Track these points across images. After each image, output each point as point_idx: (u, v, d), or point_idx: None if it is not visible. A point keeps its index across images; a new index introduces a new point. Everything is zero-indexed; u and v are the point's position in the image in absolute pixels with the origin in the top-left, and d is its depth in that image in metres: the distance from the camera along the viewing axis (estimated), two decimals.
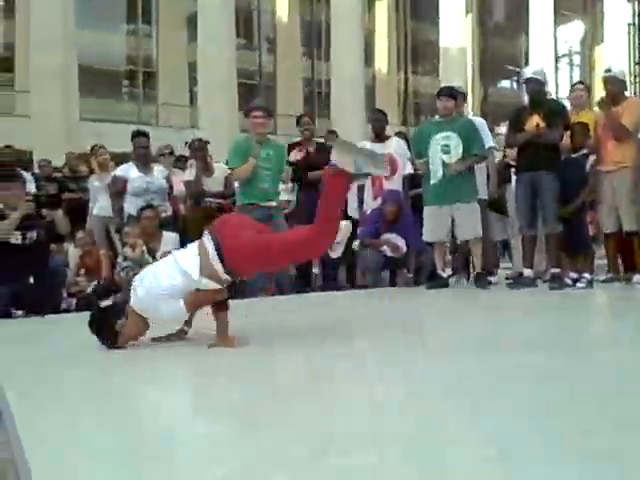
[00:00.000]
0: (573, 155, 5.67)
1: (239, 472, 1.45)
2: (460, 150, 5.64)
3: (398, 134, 7.73)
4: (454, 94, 5.92)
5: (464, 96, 6.56)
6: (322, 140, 7.28)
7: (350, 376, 2.51)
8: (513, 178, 6.01)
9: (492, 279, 6.06)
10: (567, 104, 6.29)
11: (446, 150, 5.66)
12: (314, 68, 23.16)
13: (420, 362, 2.67)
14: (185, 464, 1.55)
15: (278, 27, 22.29)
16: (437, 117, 5.99)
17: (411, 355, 2.82)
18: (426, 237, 5.85)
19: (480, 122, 6.19)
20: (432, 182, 5.73)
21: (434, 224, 5.75)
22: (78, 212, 7.02)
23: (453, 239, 6.01)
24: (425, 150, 5.75)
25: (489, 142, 6.00)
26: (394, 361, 2.71)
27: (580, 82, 7.15)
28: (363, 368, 2.66)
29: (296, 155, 6.43)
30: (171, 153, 6.96)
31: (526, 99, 5.80)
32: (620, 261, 5.81)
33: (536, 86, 5.63)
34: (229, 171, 6.04)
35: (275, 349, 3.04)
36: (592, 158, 5.58)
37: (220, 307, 3.01)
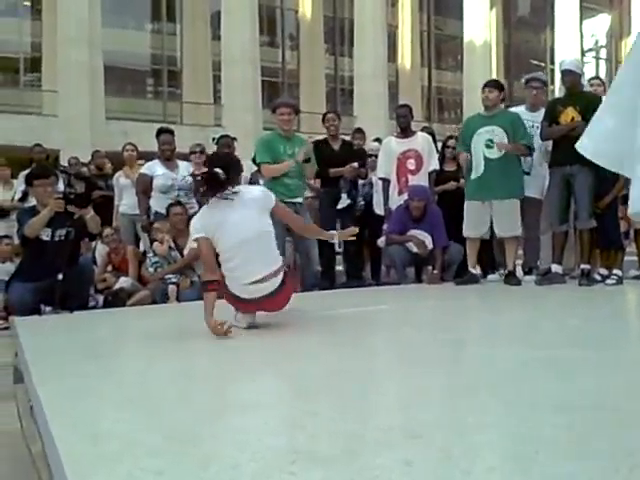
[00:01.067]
0: None
1: None
2: None
3: (424, 129, 7.67)
4: (500, 85, 5.83)
5: (545, 84, 6.39)
6: (348, 138, 7.26)
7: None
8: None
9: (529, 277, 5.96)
10: None
11: (489, 145, 5.59)
12: (337, 65, 23.11)
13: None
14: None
15: (301, 24, 22.28)
16: (481, 111, 5.89)
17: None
18: (466, 233, 5.77)
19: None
20: (473, 177, 5.68)
21: (475, 219, 5.67)
22: (105, 209, 7.08)
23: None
24: (469, 144, 5.69)
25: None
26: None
27: (596, 77, 7.02)
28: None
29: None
30: (202, 152, 6.98)
31: (557, 92, 5.69)
32: None
33: (573, 78, 5.53)
34: (254, 168, 6.03)
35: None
36: None
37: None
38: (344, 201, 6.53)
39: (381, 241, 6.42)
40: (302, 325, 3.61)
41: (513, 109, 6.20)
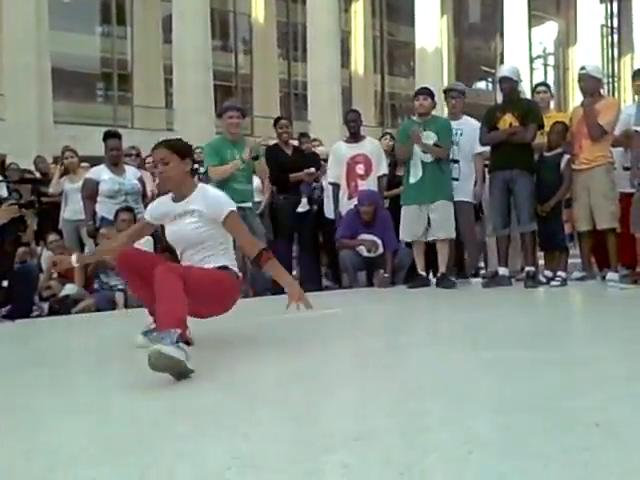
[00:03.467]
0: (548, 154, 5.71)
1: None
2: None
3: (385, 135, 7.78)
4: (432, 93, 5.94)
5: (463, 93, 6.52)
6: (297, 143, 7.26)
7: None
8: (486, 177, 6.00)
9: (474, 280, 6.07)
10: None
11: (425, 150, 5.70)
12: (291, 69, 23.13)
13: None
14: None
15: (254, 29, 22.22)
16: (414, 117, 6.00)
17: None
18: (403, 236, 5.88)
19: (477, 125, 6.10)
20: (411, 182, 5.77)
21: (412, 223, 5.78)
22: (50, 215, 6.94)
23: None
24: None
25: (478, 148, 5.99)
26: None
27: (543, 83, 7.21)
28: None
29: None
30: (138, 155, 6.91)
31: (499, 98, 5.81)
32: (594, 259, 5.85)
33: (510, 85, 5.67)
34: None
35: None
36: (566, 157, 5.61)
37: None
38: (304, 205, 6.52)
39: None
40: (249, 330, 3.59)
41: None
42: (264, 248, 3.05)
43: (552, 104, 6.79)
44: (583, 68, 5.78)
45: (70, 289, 5.61)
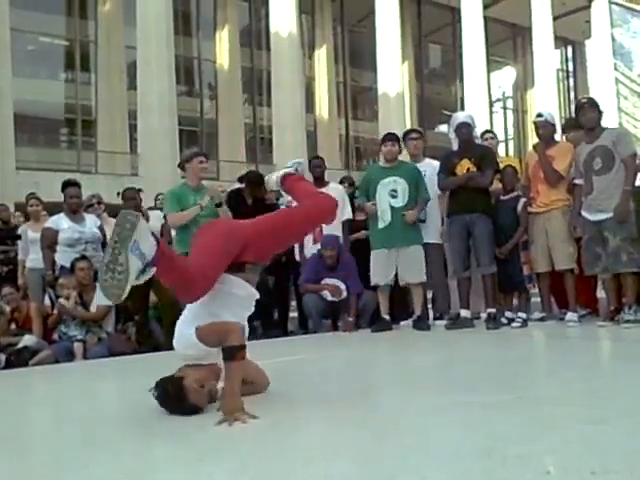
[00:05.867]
0: (504, 197, 5.83)
1: None
2: (407, 195, 5.80)
3: (344, 179, 7.83)
4: (399, 139, 6.07)
5: (421, 134, 6.69)
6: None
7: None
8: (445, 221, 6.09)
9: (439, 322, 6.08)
10: None
11: (394, 195, 5.79)
12: (256, 114, 23.34)
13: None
14: None
15: (219, 74, 22.45)
16: (381, 162, 6.10)
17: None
18: (374, 280, 5.90)
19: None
20: (380, 226, 5.83)
21: (381, 267, 5.82)
22: (4, 265, 6.84)
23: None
24: (373, 194, 5.88)
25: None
26: None
27: (489, 131, 7.41)
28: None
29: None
30: (99, 202, 6.86)
31: (455, 144, 5.94)
32: (553, 300, 5.95)
33: (469, 130, 5.81)
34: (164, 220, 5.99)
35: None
36: (523, 200, 5.74)
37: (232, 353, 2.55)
38: None
39: None
40: None
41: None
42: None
43: (499, 149, 7.05)
44: (540, 115, 5.94)
45: (28, 339, 5.49)
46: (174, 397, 2.59)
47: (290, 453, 2.09)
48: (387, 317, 5.93)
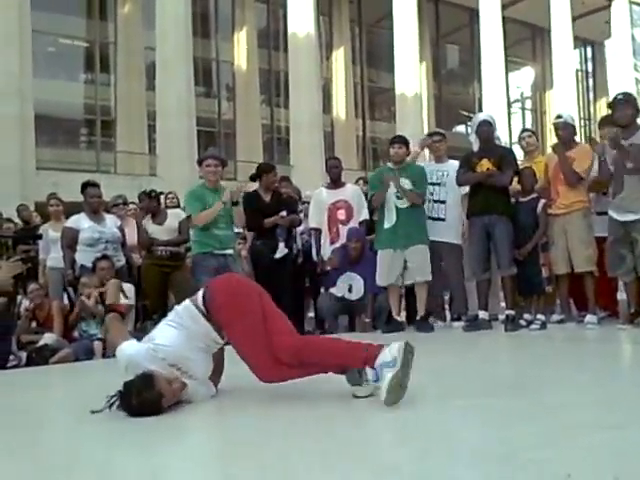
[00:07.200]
0: (523, 199, 5.80)
1: None
2: None
3: (359, 179, 7.85)
4: (406, 141, 6.07)
5: (444, 135, 6.65)
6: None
7: None
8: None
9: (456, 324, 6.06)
10: (517, 150, 6.46)
11: (400, 196, 5.80)
12: (273, 115, 23.39)
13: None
14: None
15: (237, 75, 22.53)
16: (389, 164, 6.10)
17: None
18: (379, 281, 5.91)
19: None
20: (385, 227, 5.84)
21: (387, 268, 5.83)
22: (30, 263, 6.89)
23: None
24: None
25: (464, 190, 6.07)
26: None
27: (527, 129, 7.31)
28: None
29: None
30: (125, 203, 6.92)
31: (476, 145, 5.91)
32: (572, 302, 5.90)
33: (489, 129, 5.79)
34: (183, 216, 6.02)
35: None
36: (542, 201, 5.70)
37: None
38: (282, 250, 6.43)
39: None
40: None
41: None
42: None
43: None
44: (560, 117, 5.90)
45: (48, 338, 5.55)
46: (142, 384, 2.62)
47: (307, 457, 2.08)
48: (398, 318, 5.95)
